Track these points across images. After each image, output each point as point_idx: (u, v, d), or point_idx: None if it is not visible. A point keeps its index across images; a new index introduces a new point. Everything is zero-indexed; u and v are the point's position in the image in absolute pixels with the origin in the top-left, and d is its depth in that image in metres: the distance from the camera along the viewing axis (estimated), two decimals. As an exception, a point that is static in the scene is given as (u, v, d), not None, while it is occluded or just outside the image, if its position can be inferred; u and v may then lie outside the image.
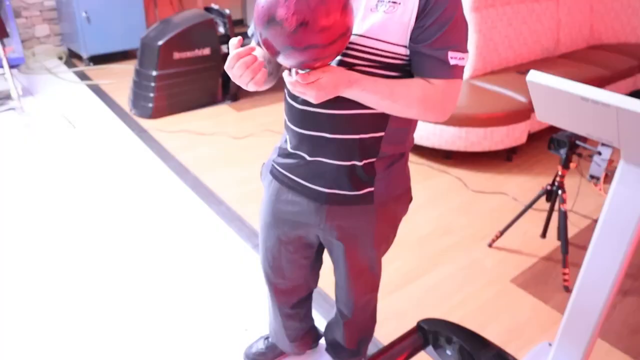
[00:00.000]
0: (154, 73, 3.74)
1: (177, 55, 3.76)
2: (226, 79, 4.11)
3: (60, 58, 5.24)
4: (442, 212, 2.82)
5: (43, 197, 2.81)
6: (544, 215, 2.70)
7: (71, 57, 5.27)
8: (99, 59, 5.06)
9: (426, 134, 3.15)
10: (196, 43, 3.79)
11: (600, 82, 3.76)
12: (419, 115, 1.17)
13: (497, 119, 3.11)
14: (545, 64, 3.83)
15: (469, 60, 3.47)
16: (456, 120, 3.08)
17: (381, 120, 1.22)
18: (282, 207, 1.40)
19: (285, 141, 1.36)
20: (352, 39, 1.11)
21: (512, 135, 3.19)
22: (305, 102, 1.22)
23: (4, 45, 3.51)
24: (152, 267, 2.31)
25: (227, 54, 4.08)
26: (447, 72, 1.12)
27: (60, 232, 2.53)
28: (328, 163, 1.26)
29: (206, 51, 3.86)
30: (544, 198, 2.49)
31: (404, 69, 1.16)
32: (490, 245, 2.55)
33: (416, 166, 3.26)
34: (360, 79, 1.10)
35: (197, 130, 3.66)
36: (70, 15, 4.88)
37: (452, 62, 1.11)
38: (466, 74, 3.54)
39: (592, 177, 3.13)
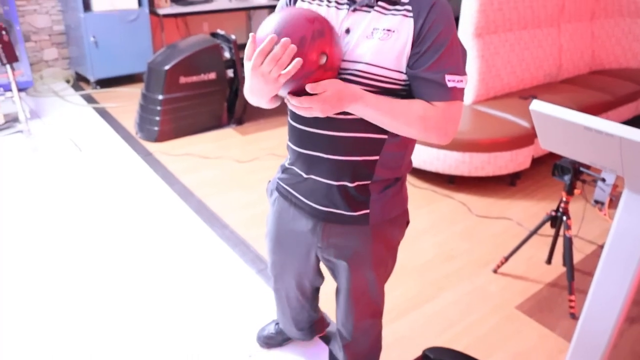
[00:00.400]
0: (160, 97, 3.78)
1: (183, 79, 3.80)
2: (231, 103, 4.15)
3: (68, 81, 5.31)
4: (445, 237, 2.81)
5: (49, 220, 2.82)
6: (549, 240, 2.69)
7: (78, 81, 5.34)
8: (105, 82, 5.12)
9: (430, 158, 3.17)
10: (202, 68, 3.84)
11: (603, 107, 3.79)
12: (420, 134, 1.20)
13: (501, 144, 3.12)
14: (548, 89, 3.86)
15: (471, 86, 3.51)
16: (459, 145, 3.09)
17: (376, 144, 1.27)
18: (285, 223, 1.48)
19: (287, 159, 1.44)
20: (350, 65, 1.17)
21: (515, 160, 3.20)
22: (305, 123, 1.28)
23: (13, 69, 3.55)
24: (156, 291, 2.30)
25: (233, 78, 4.11)
26: (446, 94, 1.16)
27: (66, 255, 2.53)
28: (321, 181, 1.32)
29: (212, 75, 3.91)
30: (548, 223, 2.49)
31: (400, 94, 1.20)
32: (495, 271, 2.54)
33: (419, 190, 3.27)
34: (364, 95, 1.15)
35: (202, 154, 3.68)
36: (78, 40, 4.96)
37: (449, 84, 1.15)
38: (469, 99, 3.57)
39: (596, 202, 3.13)
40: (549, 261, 2.60)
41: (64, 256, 2.53)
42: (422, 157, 3.19)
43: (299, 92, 1.12)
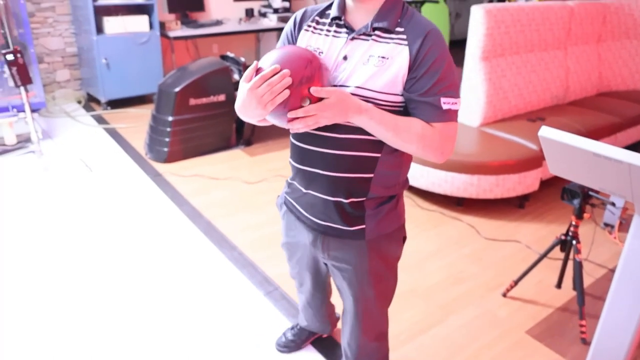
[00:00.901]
0: (170, 118, 3.83)
1: (193, 101, 3.85)
2: (240, 124, 4.19)
3: (79, 102, 5.38)
4: (454, 260, 2.80)
5: (59, 240, 2.84)
6: (559, 264, 2.68)
7: (89, 101, 5.42)
8: (116, 103, 5.19)
9: (438, 180, 3.17)
10: (212, 90, 3.89)
11: (611, 129, 3.79)
12: (418, 152, 1.27)
13: (509, 167, 3.12)
14: (556, 111, 3.87)
15: (479, 108, 3.54)
16: (468, 168, 3.10)
17: (370, 162, 1.33)
18: (293, 235, 1.58)
19: (290, 175, 1.53)
20: (348, 89, 1.25)
21: (524, 183, 3.20)
22: (304, 140, 1.36)
23: (27, 91, 3.62)
24: (165, 312, 2.31)
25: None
26: (442, 116, 1.24)
27: (76, 274, 2.54)
28: (319, 196, 1.40)
29: (221, 97, 3.95)
30: (558, 246, 2.48)
31: (397, 114, 1.27)
32: (504, 295, 2.52)
33: (428, 213, 3.27)
34: (369, 109, 1.22)
35: (210, 175, 3.71)
36: (90, 62, 5.05)
37: (444, 107, 1.23)
38: (476, 121, 3.58)
39: (606, 225, 3.13)
40: (559, 285, 2.58)
41: (74, 275, 2.54)
42: (430, 179, 3.20)
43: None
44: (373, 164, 1.33)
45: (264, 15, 6.22)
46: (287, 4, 6.28)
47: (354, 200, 1.37)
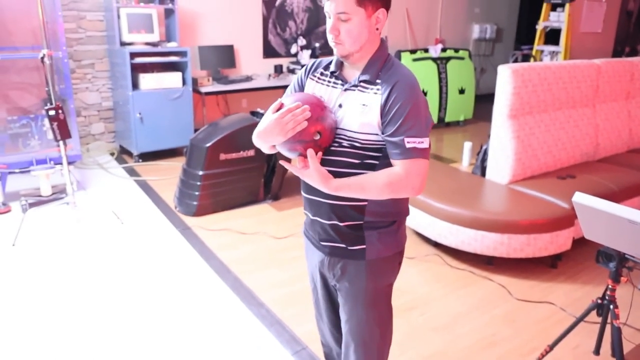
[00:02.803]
0: (201, 172, 3.91)
1: (223, 156, 3.93)
2: (268, 178, 4.25)
3: (112, 154, 5.55)
4: (485, 322, 2.73)
5: (89, 294, 2.87)
6: (596, 328, 2.58)
7: (122, 153, 5.58)
8: (147, 156, 5.34)
9: (467, 239, 3.14)
10: (241, 145, 3.97)
11: (644, 187, 3.72)
12: (392, 196, 1.45)
13: (540, 226, 3.08)
14: (586, 168, 3.83)
15: (508, 166, 3.53)
16: (498, 226, 3.06)
17: None
18: (311, 259, 1.73)
19: None
20: (342, 131, 1.47)
21: (555, 242, 3.14)
22: None
23: (65, 145, 3.74)
24: (191, 373, 2.28)
25: (271, 154, 4.22)
26: (405, 154, 1.41)
27: (104, 326, 2.55)
28: (321, 221, 1.57)
29: (250, 153, 4.03)
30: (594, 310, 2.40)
31: (380, 151, 1.46)
32: (539, 361, 2.43)
33: (457, 272, 3.21)
34: (333, 181, 1.42)
35: (238, 229, 3.74)
36: (125, 115, 5.23)
37: (408, 145, 1.40)
38: (505, 178, 3.57)
39: (643, 287, 3.02)
40: (597, 351, 2.48)
41: (103, 326, 2.55)
42: (460, 237, 3.16)
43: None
44: None
45: (292, 71, 6.41)
46: (313, 60, 6.45)
47: (351, 224, 1.53)
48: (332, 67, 1.56)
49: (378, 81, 1.46)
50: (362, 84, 1.48)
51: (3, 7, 4.61)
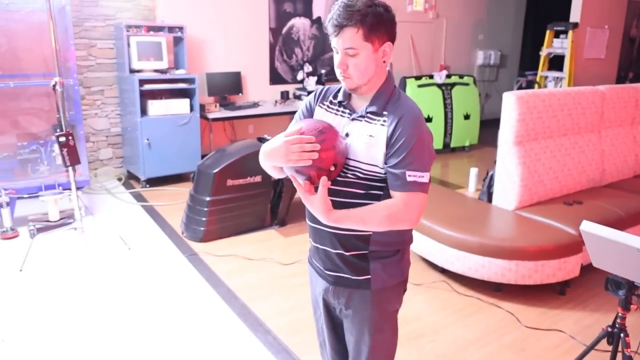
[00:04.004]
0: (208, 198, 3.93)
1: (230, 182, 3.96)
2: (275, 204, 4.26)
3: (120, 179, 5.59)
4: (494, 350, 2.70)
5: (96, 319, 2.87)
6: (606, 356, 2.54)
7: (129, 179, 5.62)
8: (154, 181, 5.37)
9: (474, 265, 3.13)
10: (248, 171, 4.00)
11: (651, 213, 3.71)
12: (390, 228, 1.46)
13: (547, 252, 3.06)
14: (592, 194, 3.83)
15: (514, 192, 3.54)
16: (505, 253, 3.05)
17: None
18: (314, 287, 1.73)
19: None
20: (348, 160, 1.49)
21: (564, 269, 3.12)
22: None
23: (74, 170, 3.78)
24: (198, 402, 2.26)
25: (277, 180, 4.23)
26: (405, 186, 1.43)
27: (110, 352, 2.54)
28: (326, 250, 1.58)
29: (257, 179, 4.05)
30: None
31: (382, 182, 1.48)
32: (549, 390, 2.39)
33: (465, 298, 3.19)
34: (334, 212, 1.43)
35: (245, 255, 3.74)
36: (133, 141, 5.29)
37: (409, 179, 1.42)
38: (512, 204, 3.57)
39: (654, 315, 2.98)
40: (608, 381, 2.44)
41: (109, 352, 2.54)
42: (467, 263, 3.15)
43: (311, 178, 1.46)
44: None
45: (298, 97, 6.48)
46: (321, 87, 6.53)
47: (356, 253, 1.54)
48: (340, 97, 1.60)
49: (385, 113, 1.49)
50: (369, 114, 1.51)
51: (15, 35, 4.71)
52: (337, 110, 1.60)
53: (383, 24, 1.44)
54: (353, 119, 1.54)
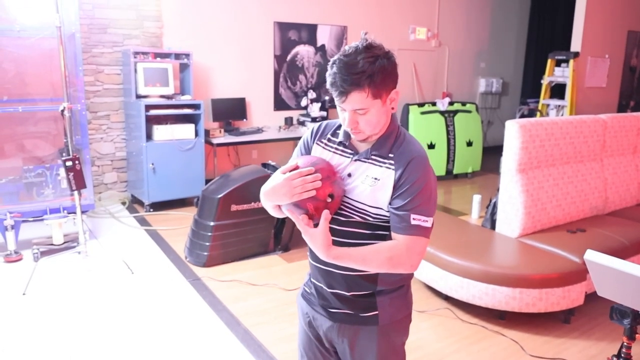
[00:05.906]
0: (212, 223, 3.94)
1: (234, 207, 3.97)
2: (278, 230, 4.27)
3: (124, 203, 5.61)
4: (499, 379, 2.68)
5: (99, 343, 2.85)
6: (612, 387, 2.52)
7: (133, 203, 5.64)
8: (158, 206, 5.39)
9: (479, 293, 3.12)
10: (252, 196, 4.02)
11: (655, 242, 3.70)
12: (390, 270, 1.45)
13: (552, 280, 3.05)
14: (596, 222, 3.83)
15: (517, 219, 3.55)
16: (509, 281, 3.04)
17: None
18: (311, 326, 1.68)
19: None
20: (349, 201, 1.48)
21: (568, 297, 3.11)
22: None
23: (80, 194, 3.81)
24: None
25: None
26: (409, 229, 1.42)
27: (110, 385, 2.53)
28: (333, 290, 1.55)
29: (261, 204, 4.06)
30: (610, 370, 2.35)
31: (383, 224, 1.47)
32: (555, 421, 2.37)
33: (469, 326, 3.17)
34: (331, 252, 1.40)
35: (248, 281, 3.73)
36: (138, 165, 5.33)
37: (413, 222, 1.41)
38: (515, 232, 3.57)
39: (659, 344, 2.96)
40: (614, 412, 2.41)
41: (110, 385, 2.52)
42: (471, 291, 3.14)
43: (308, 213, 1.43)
44: None
45: (302, 123, 6.54)
46: (324, 113, 6.61)
47: (364, 293, 1.53)
48: (340, 138, 1.55)
49: (390, 155, 1.47)
50: (373, 157, 1.48)
51: (24, 61, 4.80)
52: (337, 149, 1.56)
53: (389, 76, 1.40)
54: (356, 160, 1.50)
